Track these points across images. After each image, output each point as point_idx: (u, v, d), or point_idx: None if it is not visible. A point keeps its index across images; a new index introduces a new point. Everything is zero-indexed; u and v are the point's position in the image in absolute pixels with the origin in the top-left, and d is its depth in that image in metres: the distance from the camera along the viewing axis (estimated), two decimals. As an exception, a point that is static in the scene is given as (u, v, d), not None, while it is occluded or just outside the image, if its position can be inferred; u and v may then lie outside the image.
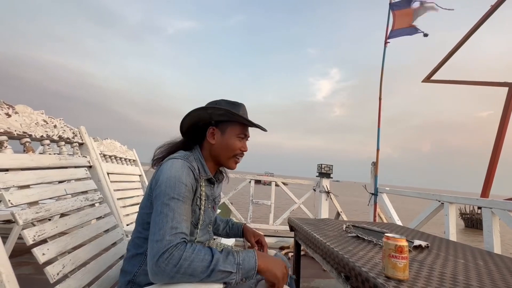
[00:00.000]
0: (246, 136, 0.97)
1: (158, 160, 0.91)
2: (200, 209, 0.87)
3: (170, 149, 0.94)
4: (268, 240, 3.45)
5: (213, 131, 0.94)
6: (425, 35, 3.17)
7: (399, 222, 2.63)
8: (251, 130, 1.00)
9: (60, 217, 0.92)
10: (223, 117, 0.92)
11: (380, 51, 3.44)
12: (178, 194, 0.75)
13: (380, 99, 3.34)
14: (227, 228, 1.21)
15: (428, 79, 3.63)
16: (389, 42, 3.39)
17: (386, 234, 0.79)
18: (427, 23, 3.22)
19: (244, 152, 0.97)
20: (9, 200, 0.75)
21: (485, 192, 2.79)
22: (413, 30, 3.20)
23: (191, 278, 0.65)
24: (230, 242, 1.41)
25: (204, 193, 0.89)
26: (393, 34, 3.36)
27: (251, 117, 0.95)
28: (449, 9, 3.14)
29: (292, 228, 1.67)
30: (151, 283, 0.82)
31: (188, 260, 0.65)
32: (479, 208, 1.91)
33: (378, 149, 3.30)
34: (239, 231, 1.19)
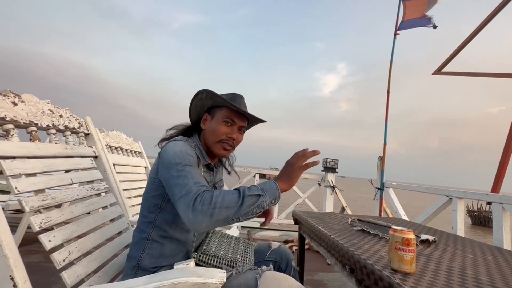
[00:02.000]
0: (234, 123, 0.93)
1: (163, 141, 0.96)
2: None
3: (174, 134, 0.98)
4: (272, 233, 3.46)
5: (206, 118, 0.97)
6: (434, 27, 3.07)
7: (405, 217, 2.60)
8: (256, 125, 1.02)
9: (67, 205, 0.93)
10: (208, 100, 0.95)
11: (390, 45, 3.36)
12: (189, 161, 0.79)
13: (388, 92, 3.27)
14: None
15: (439, 71, 3.54)
16: (398, 34, 3.30)
17: (393, 227, 0.78)
18: (437, 14, 3.11)
19: (233, 140, 0.94)
20: (16, 187, 0.75)
21: (495, 187, 2.73)
22: (425, 21, 3.10)
23: (228, 210, 0.69)
24: (235, 233, 1.41)
25: (203, 176, 0.91)
26: (403, 25, 3.27)
27: (256, 111, 0.95)
28: None
29: (296, 221, 1.66)
30: (155, 267, 0.84)
31: (220, 196, 0.69)
32: (488, 204, 1.87)
33: (385, 144, 3.24)
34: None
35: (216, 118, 0.93)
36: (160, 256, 0.86)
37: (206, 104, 0.96)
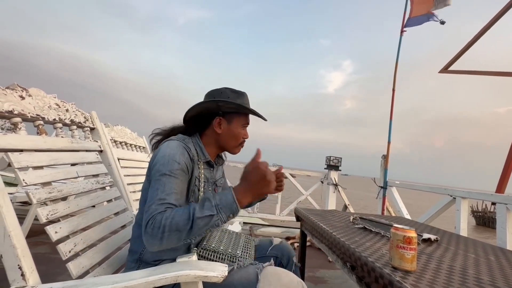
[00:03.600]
0: (248, 124, 1.02)
1: (156, 144, 0.96)
2: (199, 190, 0.90)
3: (170, 133, 0.98)
4: (274, 230, 3.48)
5: (219, 121, 0.97)
6: (442, 22, 3.02)
7: (407, 216, 2.59)
8: (259, 122, 1.06)
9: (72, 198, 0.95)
10: (233, 109, 0.96)
11: (396, 42, 3.31)
12: (169, 171, 0.79)
13: (393, 90, 3.24)
14: None
15: (445, 69, 3.49)
16: (405, 31, 3.26)
17: (394, 225, 0.78)
18: (444, 11, 3.05)
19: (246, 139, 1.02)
20: (23, 180, 0.77)
21: (500, 187, 2.71)
22: (430, 16, 3.05)
23: (178, 233, 0.68)
24: (237, 229, 1.42)
25: (203, 175, 0.92)
26: (410, 22, 3.22)
27: (260, 108, 0.98)
28: None
29: (298, 218, 1.67)
30: (158, 260, 0.85)
31: (169, 218, 0.68)
32: (493, 204, 1.85)
33: (389, 142, 3.23)
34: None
35: (235, 124, 0.98)
36: (161, 250, 0.87)
37: (223, 110, 0.96)
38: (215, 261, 0.91)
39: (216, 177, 1.04)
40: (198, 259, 0.90)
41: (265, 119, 1.03)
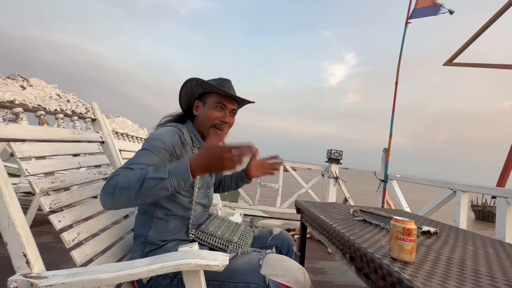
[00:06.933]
0: (226, 107, 0.98)
1: (158, 127, 1.01)
2: None
3: (169, 121, 1.02)
4: (274, 222, 3.51)
5: (197, 104, 1.01)
6: (451, 12, 2.95)
7: (407, 210, 2.61)
8: (261, 115, 1.03)
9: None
10: (199, 88, 0.98)
11: (400, 34, 3.26)
12: (149, 146, 0.82)
13: (396, 83, 3.21)
14: (231, 178, 1.27)
15: (450, 62, 3.44)
16: (410, 23, 3.20)
17: (394, 217, 0.79)
18: (449, 2, 2.97)
19: (226, 124, 0.98)
20: (26, 169, 0.78)
21: (501, 181, 2.71)
22: (438, 9, 2.99)
23: (127, 191, 0.69)
24: (238, 220, 1.44)
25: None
26: (415, 13, 3.16)
27: (261, 102, 0.97)
28: None
29: (299, 210, 1.68)
30: (163, 240, 0.89)
31: (123, 177, 0.70)
32: (493, 198, 1.86)
33: (390, 136, 3.22)
34: (241, 173, 1.23)
35: (208, 104, 0.97)
36: (166, 231, 0.90)
37: (196, 92, 1.00)
38: (211, 243, 0.94)
39: None
40: (195, 241, 0.93)
41: (237, 98, 0.99)
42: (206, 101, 0.98)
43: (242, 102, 1.05)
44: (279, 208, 3.89)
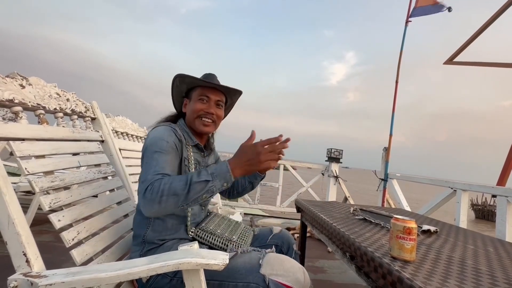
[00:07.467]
0: (209, 98, 0.98)
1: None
2: (189, 169, 0.94)
3: (160, 121, 1.04)
4: (274, 221, 3.51)
5: (185, 102, 1.04)
6: (449, 9, 2.95)
7: (408, 209, 2.61)
8: (261, 113, 1.04)
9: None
10: (183, 84, 1.00)
11: (400, 33, 3.25)
12: (160, 148, 0.83)
13: (396, 82, 3.20)
14: (244, 178, 1.16)
15: (450, 60, 3.43)
16: (410, 21, 3.19)
17: (395, 216, 0.78)
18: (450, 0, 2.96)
19: (212, 115, 0.98)
20: (25, 168, 0.77)
21: (502, 181, 2.71)
22: (438, 7, 2.98)
23: (176, 197, 0.71)
24: (238, 219, 1.44)
25: (192, 157, 0.96)
26: (415, 12, 3.15)
27: (261, 101, 0.97)
28: None
29: (299, 209, 1.68)
30: (161, 239, 0.89)
31: (168, 183, 0.72)
32: (493, 197, 1.85)
33: (391, 135, 3.21)
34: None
35: (193, 99, 0.99)
36: (164, 230, 0.91)
37: (182, 90, 1.02)
38: (211, 242, 0.94)
39: (208, 162, 1.08)
40: (195, 238, 0.94)
41: (221, 88, 0.98)
42: (191, 96, 1.00)
43: (229, 93, 1.04)
44: (279, 207, 3.90)
